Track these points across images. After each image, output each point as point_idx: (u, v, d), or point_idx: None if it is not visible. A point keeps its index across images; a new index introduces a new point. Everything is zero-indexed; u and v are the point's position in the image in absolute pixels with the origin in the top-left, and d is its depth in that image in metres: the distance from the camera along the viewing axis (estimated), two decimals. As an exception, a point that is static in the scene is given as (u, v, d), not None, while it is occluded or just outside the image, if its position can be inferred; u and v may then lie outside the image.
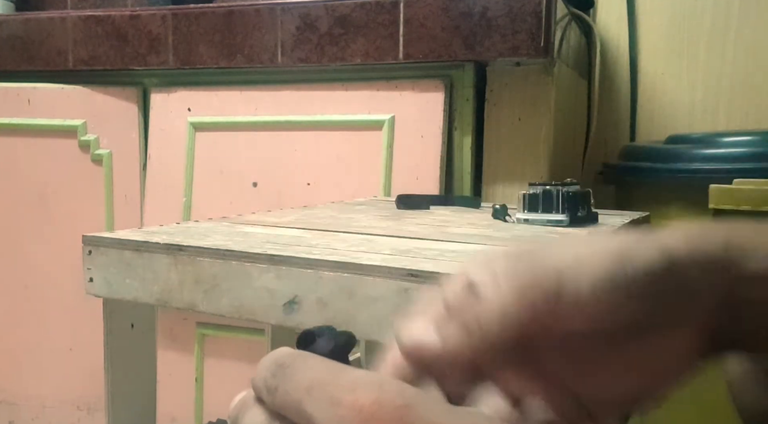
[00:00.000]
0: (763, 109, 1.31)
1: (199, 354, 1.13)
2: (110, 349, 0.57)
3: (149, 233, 0.56)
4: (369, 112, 1.04)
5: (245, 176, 1.11)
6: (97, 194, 1.18)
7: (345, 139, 1.06)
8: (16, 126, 1.19)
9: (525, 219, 0.68)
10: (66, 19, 1.17)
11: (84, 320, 1.17)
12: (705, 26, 1.34)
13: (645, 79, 1.39)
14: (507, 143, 1.02)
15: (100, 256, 0.55)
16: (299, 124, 1.08)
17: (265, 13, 1.06)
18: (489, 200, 1.00)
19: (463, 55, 0.97)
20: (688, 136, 1.10)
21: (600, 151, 1.38)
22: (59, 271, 1.19)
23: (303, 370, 0.20)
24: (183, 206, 1.14)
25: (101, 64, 1.15)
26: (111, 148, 1.18)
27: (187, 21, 1.10)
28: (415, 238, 0.56)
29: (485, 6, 0.95)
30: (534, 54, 0.94)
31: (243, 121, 1.11)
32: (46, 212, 1.19)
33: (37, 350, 1.22)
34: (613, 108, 1.41)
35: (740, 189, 0.90)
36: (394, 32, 0.99)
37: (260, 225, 0.63)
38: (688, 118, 1.36)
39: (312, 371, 0.20)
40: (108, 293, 0.55)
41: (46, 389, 1.23)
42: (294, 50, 1.05)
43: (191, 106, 1.14)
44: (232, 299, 0.49)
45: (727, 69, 1.33)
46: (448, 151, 1.03)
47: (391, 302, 0.43)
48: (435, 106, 1.01)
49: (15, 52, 1.20)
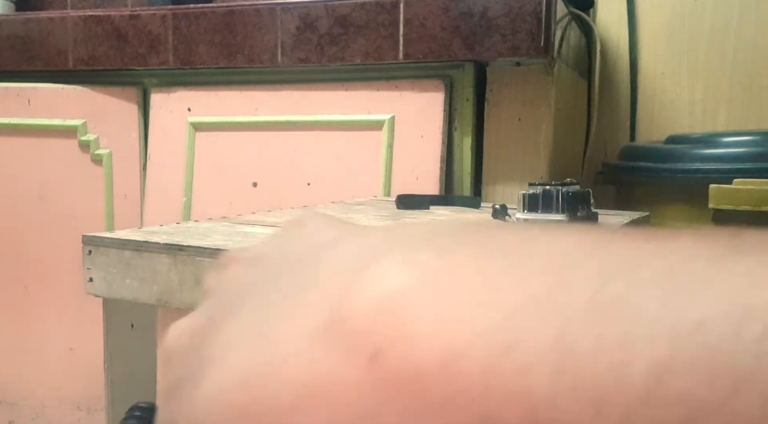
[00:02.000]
0: (763, 109, 1.31)
1: (199, 354, 1.13)
2: (110, 349, 0.57)
3: (149, 233, 0.56)
4: (369, 112, 1.04)
5: (245, 176, 1.11)
6: (97, 194, 1.18)
7: (345, 139, 1.06)
8: (16, 126, 1.19)
9: (525, 219, 0.68)
10: (66, 19, 1.17)
11: (84, 320, 1.17)
12: (705, 26, 1.33)
13: (645, 79, 1.39)
14: (507, 143, 1.02)
15: (100, 256, 0.55)
16: (299, 124, 1.08)
17: (265, 13, 1.06)
18: (489, 200, 1.00)
19: (463, 55, 0.97)
20: (688, 136, 1.10)
21: (600, 151, 1.38)
22: (59, 271, 1.19)
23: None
24: (183, 206, 1.14)
25: (101, 64, 1.15)
26: (111, 148, 1.18)
27: (187, 21, 1.10)
28: (415, 238, 0.56)
29: (485, 6, 0.95)
30: (534, 54, 0.94)
31: (243, 121, 1.11)
32: (46, 211, 1.19)
33: (37, 350, 1.22)
34: (613, 108, 1.40)
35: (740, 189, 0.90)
36: (394, 32, 0.99)
37: (260, 225, 0.63)
38: (688, 118, 1.36)
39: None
40: (108, 292, 0.55)
41: (46, 389, 1.23)
42: (294, 50, 1.05)
43: (191, 106, 1.14)
44: (232, 299, 0.49)
45: (727, 69, 1.33)
46: (448, 151, 1.03)
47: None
48: (435, 106, 1.01)
49: (15, 52, 1.20)
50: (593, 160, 1.32)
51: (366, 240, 0.17)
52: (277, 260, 0.20)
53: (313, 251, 0.18)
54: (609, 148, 1.39)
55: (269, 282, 0.18)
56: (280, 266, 0.19)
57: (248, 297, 0.18)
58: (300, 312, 0.15)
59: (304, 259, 0.18)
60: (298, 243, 0.21)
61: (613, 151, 1.32)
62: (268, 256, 0.21)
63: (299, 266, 0.18)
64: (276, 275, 0.18)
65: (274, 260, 0.20)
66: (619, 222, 0.71)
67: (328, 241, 0.19)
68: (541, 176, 1.00)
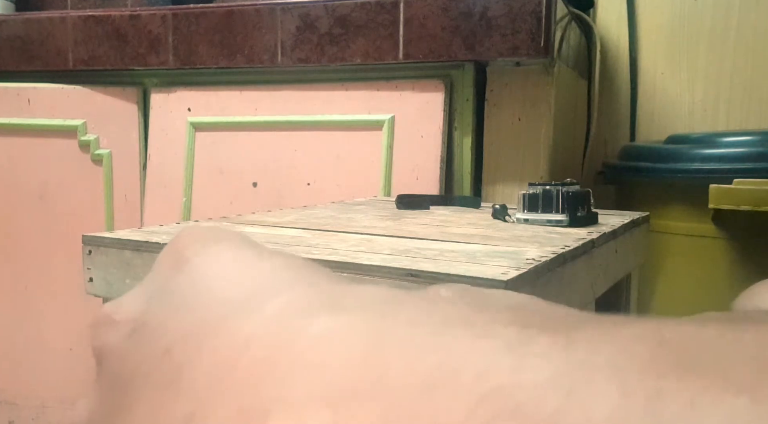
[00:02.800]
0: (763, 109, 1.31)
1: (199, 354, 1.13)
2: (110, 349, 0.57)
3: (149, 233, 0.56)
4: (369, 112, 1.04)
5: (245, 176, 1.11)
6: (97, 194, 1.18)
7: (345, 139, 1.06)
8: (16, 126, 1.19)
9: (525, 219, 0.68)
10: (66, 19, 1.17)
11: (84, 320, 1.17)
12: (705, 26, 1.34)
13: (645, 79, 1.39)
14: (507, 143, 1.02)
15: (100, 256, 0.55)
16: (299, 124, 1.08)
17: (265, 13, 1.06)
18: (489, 200, 1.00)
19: (463, 55, 0.97)
20: (688, 136, 1.10)
21: (600, 151, 1.38)
22: (59, 271, 1.19)
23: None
24: (183, 206, 1.14)
25: (101, 64, 1.15)
26: (111, 148, 1.18)
27: (187, 21, 1.10)
28: (414, 238, 0.56)
29: (485, 6, 0.95)
30: (534, 54, 0.94)
31: (243, 121, 1.11)
32: (46, 212, 1.20)
33: (37, 350, 1.22)
34: (613, 108, 1.41)
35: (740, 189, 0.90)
36: (394, 32, 0.99)
37: (260, 225, 0.63)
38: (688, 118, 1.36)
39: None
40: (108, 293, 0.55)
41: (46, 389, 1.23)
42: (294, 50, 1.05)
43: (191, 106, 1.14)
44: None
45: (727, 69, 1.33)
46: (448, 151, 1.03)
47: (391, 302, 0.43)
48: (435, 106, 1.01)
49: (15, 52, 1.20)
50: (593, 160, 1.32)
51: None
52: (157, 335, 0.16)
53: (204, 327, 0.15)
54: (609, 148, 1.39)
55: (147, 376, 0.16)
56: (155, 351, 0.16)
57: (131, 394, 0.16)
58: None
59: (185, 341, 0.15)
60: (180, 299, 0.17)
61: (613, 151, 1.32)
62: (148, 324, 0.17)
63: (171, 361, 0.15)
64: (152, 366, 0.16)
65: (154, 335, 0.16)
66: (619, 222, 0.71)
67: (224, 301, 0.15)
68: (541, 176, 1.00)
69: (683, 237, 1.03)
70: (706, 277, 1.01)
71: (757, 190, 0.89)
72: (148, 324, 0.17)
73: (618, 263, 0.69)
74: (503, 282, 0.39)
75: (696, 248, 1.02)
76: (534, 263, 0.45)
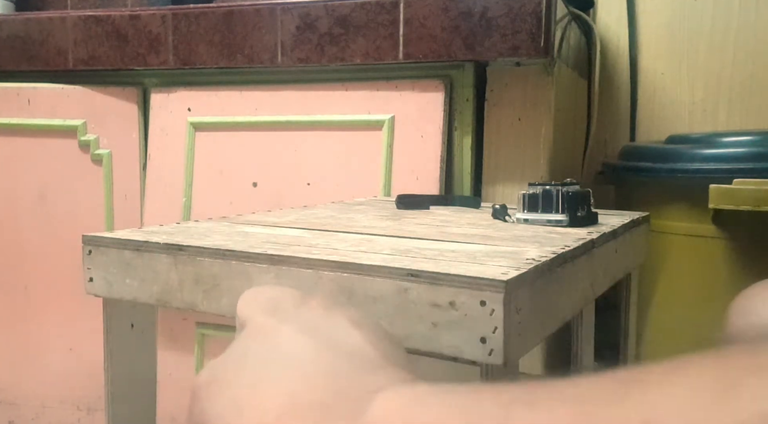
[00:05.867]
0: (763, 109, 1.31)
1: (199, 354, 1.13)
2: (110, 349, 0.57)
3: (149, 233, 0.56)
4: (369, 112, 1.04)
5: (245, 176, 1.11)
6: (97, 194, 1.18)
7: (345, 139, 1.06)
8: (16, 126, 1.19)
9: (525, 219, 0.68)
10: (66, 19, 1.17)
11: (84, 320, 1.17)
12: (705, 26, 1.34)
13: (645, 79, 1.39)
14: (507, 143, 1.02)
15: (100, 256, 0.55)
16: (299, 124, 1.08)
17: (265, 13, 1.06)
18: (489, 200, 1.00)
19: (463, 55, 0.97)
20: (688, 136, 1.10)
21: (600, 151, 1.38)
22: (59, 271, 1.19)
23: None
24: (183, 206, 1.14)
25: (101, 64, 1.15)
26: (111, 148, 1.18)
27: (187, 21, 1.10)
28: (415, 238, 0.56)
29: (485, 6, 0.95)
30: (534, 54, 0.94)
31: (243, 121, 1.11)
32: (46, 211, 1.20)
33: (37, 350, 1.22)
34: (613, 108, 1.41)
35: (740, 189, 0.90)
36: (394, 32, 0.99)
37: (260, 225, 0.63)
38: (688, 118, 1.36)
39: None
40: (108, 292, 0.55)
41: (46, 389, 1.23)
42: (294, 50, 1.05)
43: (191, 106, 1.14)
44: (232, 299, 0.49)
45: (727, 69, 1.33)
46: (448, 151, 1.03)
47: (391, 302, 0.43)
48: (435, 106, 1.01)
49: (15, 52, 1.20)
50: (593, 160, 1.32)
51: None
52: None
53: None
54: (609, 148, 1.39)
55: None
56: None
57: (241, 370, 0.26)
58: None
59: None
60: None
61: (613, 151, 1.32)
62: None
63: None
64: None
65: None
66: (619, 222, 0.71)
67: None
68: (541, 176, 1.00)
69: (683, 237, 1.03)
70: (706, 277, 1.01)
71: (757, 190, 0.89)
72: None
73: (618, 263, 0.69)
74: (503, 282, 0.39)
75: (696, 248, 1.02)
76: (534, 262, 0.45)
